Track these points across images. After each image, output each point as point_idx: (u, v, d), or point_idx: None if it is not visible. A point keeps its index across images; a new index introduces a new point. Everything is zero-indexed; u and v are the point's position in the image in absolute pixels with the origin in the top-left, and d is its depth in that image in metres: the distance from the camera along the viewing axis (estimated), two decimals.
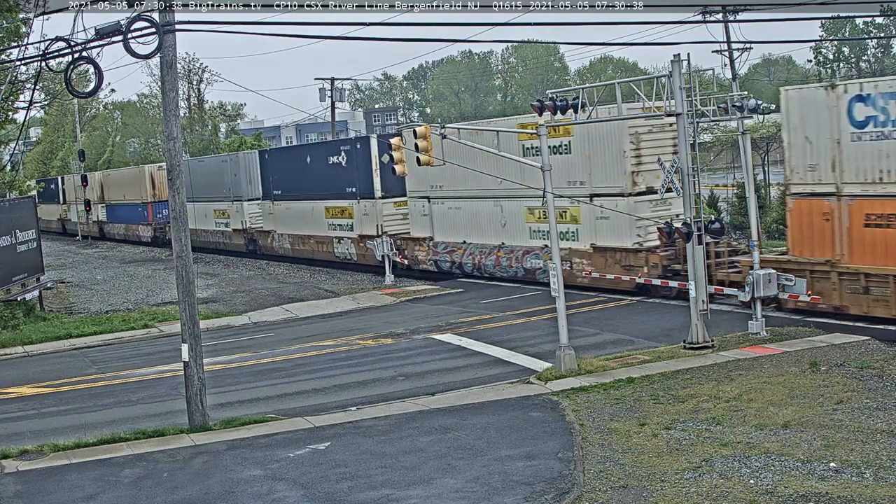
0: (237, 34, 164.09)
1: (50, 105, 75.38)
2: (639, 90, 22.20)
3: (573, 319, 22.56)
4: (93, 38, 17.00)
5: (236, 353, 25.30)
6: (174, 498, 14.14)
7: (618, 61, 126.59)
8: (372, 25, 20.77)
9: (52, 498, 14.55)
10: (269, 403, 19.63)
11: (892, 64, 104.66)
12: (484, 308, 29.36)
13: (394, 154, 23.63)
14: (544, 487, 13.25)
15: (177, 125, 17.78)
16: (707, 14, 42.36)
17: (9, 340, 29.29)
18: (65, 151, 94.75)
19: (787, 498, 12.17)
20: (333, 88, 62.14)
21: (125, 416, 19.54)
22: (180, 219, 17.72)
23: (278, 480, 14.49)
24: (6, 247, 31.97)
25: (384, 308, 31.60)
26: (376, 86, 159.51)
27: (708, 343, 21.11)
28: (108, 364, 25.47)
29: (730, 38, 43.78)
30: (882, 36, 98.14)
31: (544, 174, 20.80)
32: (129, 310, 34.53)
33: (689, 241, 21.13)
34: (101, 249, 64.18)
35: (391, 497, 13.39)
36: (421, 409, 18.10)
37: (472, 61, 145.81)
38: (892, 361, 18.75)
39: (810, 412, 15.75)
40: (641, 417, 16.25)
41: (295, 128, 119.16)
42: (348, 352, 24.54)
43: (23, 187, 39.39)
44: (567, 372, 19.72)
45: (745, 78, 65.88)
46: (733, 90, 41.78)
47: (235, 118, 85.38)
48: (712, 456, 13.97)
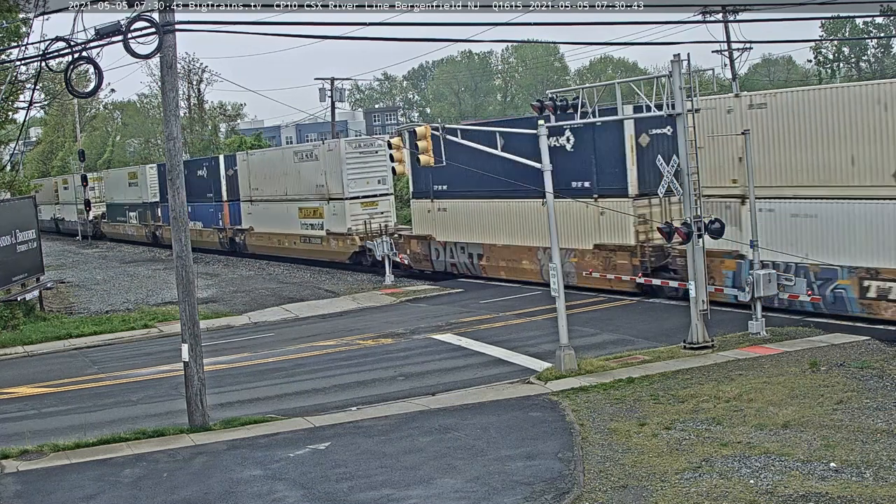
0: (237, 34, 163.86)
1: (50, 105, 75.45)
2: (639, 90, 22.20)
3: (573, 319, 22.56)
4: (93, 38, 17.00)
5: (236, 353, 25.31)
6: (174, 498, 14.14)
7: (618, 61, 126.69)
8: (372, 25, 20.80)
9: (52, 498, 14.54)
10: (269, 403, 19.63)
11: (892, 64, 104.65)
12: (484, 308, 29.36)
13: (393, 154, 23.62)
14: (544, 487, 13.25)
15: (177, 125, 17.78)
16: (707, 14, 42.44)
17: (9, 340, 29.29)
18: (65, 151, 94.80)
19: (787, 498, 12.16)
20: (333, 88, 62.22)
21: (125, 416, 19.54)
22: (180, 219, 17.74)
23: (278, 480, 14.49)
24: (6, 247, 31.96)
25: (384, 308, 31.60)
26: (376, 86, 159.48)
27: (708, 343, 21.11)
28: (108, 364, 25.47)
29: (730, 38, 43.86)
30: (882, 36, 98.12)
31: (544, 174, 20.81)
32: (129, 310, 34.52)
33: (689, 241, 21.15)
34: (101, 249, 64.18)
35: (391, 497, 13.38)
36: (421, 409, 18.10)
37: (472, 61, 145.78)
38: (892, 361, 18.74)
39: (810, 412, 15.75)
40: (641, 417, 16.25)
41: (295, 128, 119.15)
42: (348, 352, 24.54)
43: (22, 187, 39.35)
44: (567, 372, 19.72)
45: (745, 78, 65.92)
46: (733, 90, 41.84)
47: (235, 118, 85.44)
48: (712, 456, 13.97)
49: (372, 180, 40.52)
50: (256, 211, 48.07)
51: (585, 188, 28.98)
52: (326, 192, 41.70)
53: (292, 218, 44.71)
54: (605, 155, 28.48)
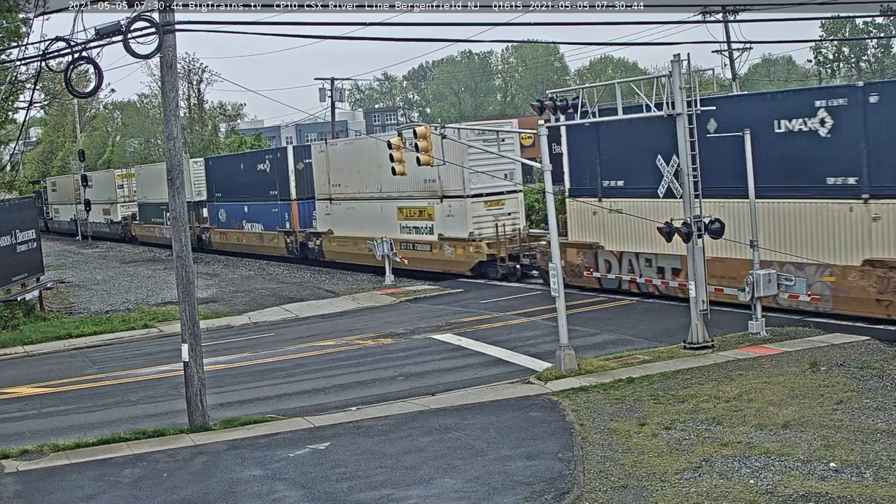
0: (237, 34, 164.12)
1: (50, 105, 75.47)
2: (639, 90, 22.19)
3: (573, 319, 22.56)
4: (93, 38, 17.01)
5: (236, 353, 25.31)
6: (174, 498, 14.14)
7: (618, 61, 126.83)
8: (372, 25, 20.80)
9: (52, 498, 14.54)
10: (269, 403, 19.63)
11: (892, 64, 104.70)
12: (484, 308, 29.36)
13: (393, 154, 23.64)
14: (544, 487, 13.24)
15: (177, 125, 17.78)
16: (707, 14, 42.45)
17: (9, 340, 29.30)
18: (65, 151, 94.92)
19: (787, 498, 12.16)
20: (333, 88, 62.21)
21: (125, 416, 19.54)
22: (180, 219, 17.75)
23: (278, 480, 14.49)
24: (6, 247, 31.98)
25: (384, 308, 31.61)
26: (376, 86, 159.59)
27: (708, 343, 21.11)
28: (108, 364, 25.47)
29: (730, 38, 43.87)
30: (882, 36, 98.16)
31: (545, 174, 20.82)
32: (129, 310, 34.54)
33: (689, 241, 21.14)
34: (101, 249, 64.20)
35: (391, 497, 13.38)
36: (421, 409, 18.10)
37: (472, 61, 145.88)
38: (892, 361, 18.74)
39: (810, 412, 15.75)
40: (641, 417, 16.25)
41: (295, 128, 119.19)
42: (348, 352, 24.55)
43: (23, 187, 39.40)
44: (567, 372, 19.72)
45: (745, 78, 65.90)
46: (733, 90, 41.87)
47: (235, 118, 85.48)
48: (712, 456, 13.97)
49: (497, 174, 33.50)
50: (338, 211, 41.34)
51: (849, 185, 22.32)
52: (440, 188, 35.12)
53: (388, 220, 37.93)
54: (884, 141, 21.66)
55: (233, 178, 51.23)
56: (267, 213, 46.96)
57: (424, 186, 35.62)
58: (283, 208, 45.79)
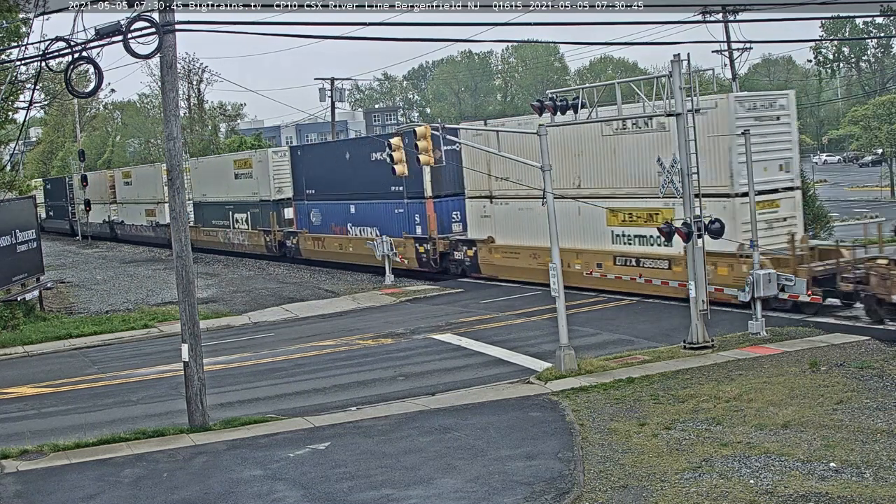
0: (237, 34, 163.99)
1: (50, 105, 75.40)
2: (639, 90, 22.18)
3: (573, 319, 22.56)
4: (93, 38, 17.00)
5: (236, 353, 25.31)
6: (174, 498, 14.14)
7: (618, 61, 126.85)
8: (372, 25, 20.80)
9: (52, 498, 14.54)
10: (269, 403, 19.62)
11: (892, 64, 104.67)
12: (484, 308, 29.35)
13: (394, 154, 23.61)
14: (544, 487, 13.24)
15: (177, 125, 17.78)
16: (707, 14, 42.38)
17: (9, 340, 29.29)
18: (65, 151, 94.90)
19: (787, 498, 12.16)
20: (333, 88, 62.14)
21: (125, 416, 19.53)
22: (180, 219, 17.75)
23: (278, 480, 14.49)
24: (6, 247, 31.98)
25: (384, 308, 31.60)
26: (376, 86, 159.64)
27: (708, 343, 21.11)
28: (108, 364, 25.47)
29: (730, 38, 43.81)
30: (882, 36, 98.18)
31: (544, 174, 20.82)
32: (129, 310, 34.53)
33: (689, 241, 21.14)
34: (101, 249, 64.16)
35: (391, 497, 13.38)
36: (421, 409, 18.10)
37: (472, 61, 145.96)
38: (892, 361, 18.75)
39: (810, 412, 15.75)
40: (641, 417, 16.25)
41: (295, 128, 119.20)
42: (348, 352, 24.54)
43: (22, 187, 39.38)
44: (567, 372, 19.72)
45: (745, 78, 65.93)
46: (733, 90, 41.83)
47: (235, 118, 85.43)
48: (712, 456, 13.97)
49: (772, 165, 24.98)
50: (501, 213, 32.71)
51: None
52: None
53: (592, 226, 28.88)
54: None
55: (332, 172, 41.53)
56: (386, 215, 37.78)
57: (656, 180, 25.85)
58: (412, 209, 36.48)
